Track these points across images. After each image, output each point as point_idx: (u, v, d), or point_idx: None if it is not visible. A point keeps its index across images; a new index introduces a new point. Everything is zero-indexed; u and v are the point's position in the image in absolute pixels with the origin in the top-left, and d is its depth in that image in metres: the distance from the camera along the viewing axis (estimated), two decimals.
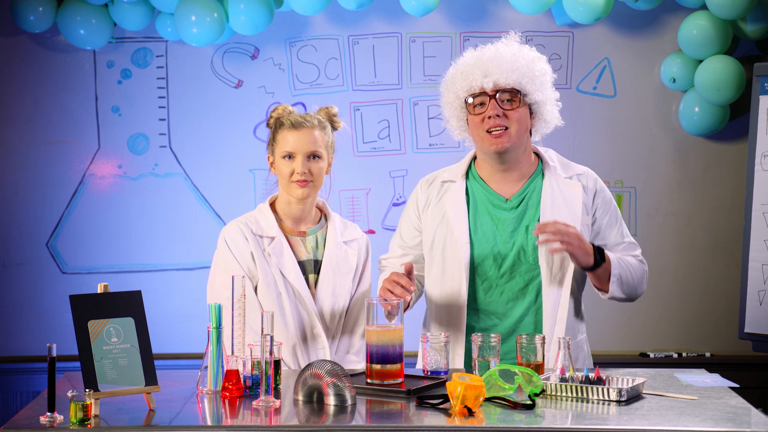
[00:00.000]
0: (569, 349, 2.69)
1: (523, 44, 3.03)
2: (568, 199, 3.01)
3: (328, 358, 3.03)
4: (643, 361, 4.43)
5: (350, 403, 2.49)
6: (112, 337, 2.46)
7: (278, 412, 2.45)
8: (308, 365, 2.56)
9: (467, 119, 3.04)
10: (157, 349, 2.58)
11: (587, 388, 2.55)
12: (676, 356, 4.46)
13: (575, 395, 2.56)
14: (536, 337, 2.79)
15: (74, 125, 4.47)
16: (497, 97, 2.96)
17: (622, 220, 3.10)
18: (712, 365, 3.85)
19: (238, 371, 2.60)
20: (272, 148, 3.13)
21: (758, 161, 4.04)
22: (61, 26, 4.33)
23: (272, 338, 2.48)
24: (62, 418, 2.34)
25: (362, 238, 3.22)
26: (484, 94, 2.97)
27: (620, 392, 2.51)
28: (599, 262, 2.90)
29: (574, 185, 3.04)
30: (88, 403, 2.32)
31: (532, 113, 3.02)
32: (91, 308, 2.45)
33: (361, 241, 3.20)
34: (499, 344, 2.79)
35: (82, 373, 2.40)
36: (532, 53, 3.01)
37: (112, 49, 4.45)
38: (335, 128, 3.17)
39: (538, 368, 2.76)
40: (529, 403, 2.48)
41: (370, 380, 2.68)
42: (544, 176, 3.05)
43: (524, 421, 2.38)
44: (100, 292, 2.49)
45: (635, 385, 2.58)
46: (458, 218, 3.04)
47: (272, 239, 3.08)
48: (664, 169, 4.50)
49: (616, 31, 4.47)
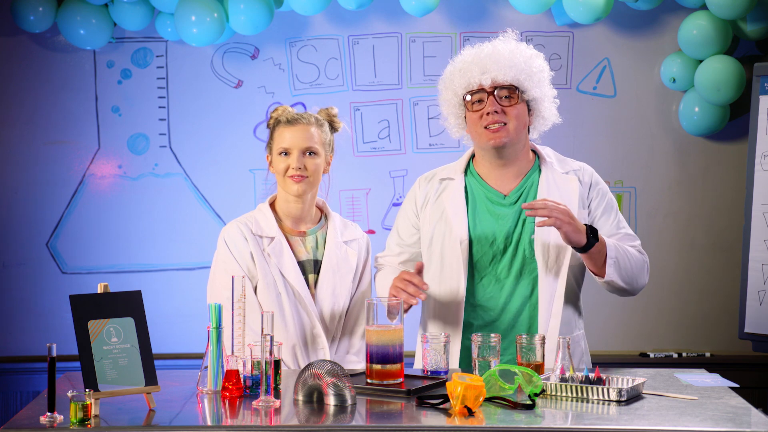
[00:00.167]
0: (569, 349, 2.69)
1: (520, 42, 3.04)
2: (564, 193, 3.02)
3: (327, 358, 3.03)
4: (643, 361, 4.43)
5: (350, 403, 2.49)
6: (112, 337, 2.46)
7: (278, 412, 2.45)
8: (308, 365, 2.56)
9: (465, 116, 3.05)
10: (157, 349, 2.58)
11: (587, 388, 2.55)
12: (676, 356, 4.46)
13: (575, 395, 2.56)
14: (536, 337, 2.79)
15: (74, 125, 4.47)
16: (495, 93, 2.97)
17: (618, 212, 3.09)
18: (712, 365, 3.85)
19: (238, 371, 2.60)
20: (270, 146, 3.14)
21: (758, 161, 4.04)
22: (61, 26, 4.33)
23: (272, 338, 2.48)
24: (62, 418, 2.34)
25: (362, 238, 3.22)
26: (482, 90, 2.99)
27: (620, 392, 2.51)
28: (592, 242, 2.88)
29: (570, 180, 3.06)
30: (88, 403, 2.32)
31: (530, 110, 3.03)
32: (91, 308, 2.45)
33: (361, 241, 3.20)
34: (499, 344, 2.79)
35: (82, 373, 2.40)
36: (529, 50, 3.03)
37: (112, 49, 4.46)
38: (335, 129, 3.17)
39: (538, 368, 2.76)
40: (529, 403, 2.48)
41: (370, 380, 2.68)
42: (540, 172, 3.06)
43: (524, 421, 2.38)
44: (100, 292, 2.49)
45: (635, 385, 2.58)
46: (457, 215, 3.04)
47: (272, 239, 3.08)
48: (664, 169, 4.51)
49: (616, 31, 4.48)
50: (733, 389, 2.69)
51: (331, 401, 2.48)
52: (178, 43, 4.44)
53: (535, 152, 3.12)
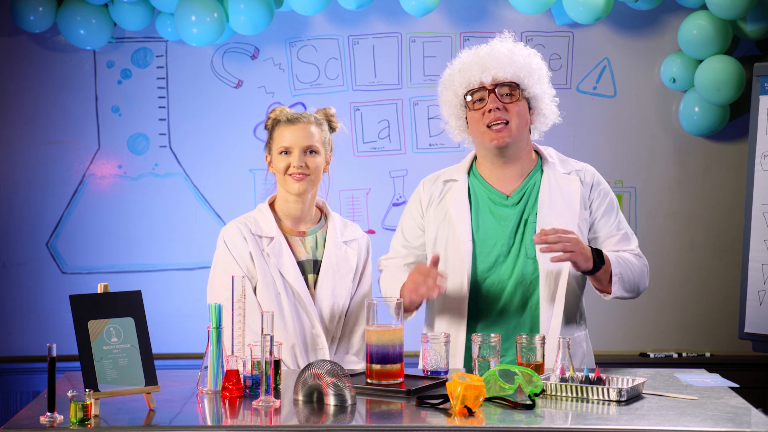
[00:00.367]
0: (569, 349, 2.69)
1: (518, 42, 3.06)
2: (566, 193, 3.03)
3: (327, 358, 3.03)
4: (643, 361, 4.43)
5: (350, 403, 2.49)
6: (112, 337, 2.46)
7: (278, 412, 2.45)
8: (308, 365, 2.56)
9: (467, 117, 3.05)
10: (157, 349, 2.58)
11: (587, 388, 2.55)
12: (676, 356, 4.46)
13: (575, 395, 2.56)
14: (536, 337, 2.79)
15: (74, 125, 4.47)
16: (496, 91, 2.98)
17: (619, 212, 3.10)
18: (712, 365, 3.84)
19: (238, 371, 2.60)
20: (269, 146, 3.14)
21: (758, 161, 4.04)
22: (61, 26, 4.33)
23: (272, 338, 2.48)
24: (62, 418, 2.34)
25: (362, 238, 3.21)
26: (483, 89, 3.00)
27: (620, 392, 2.51)
28: (599, 265, 2.91)
29: (572, 180, 3.06)
30: (88, 403, 2.32)
31: (531, 108, 3.04)
32: (91, 308, 2.45)
33: (361, 241, 3.20)
34: (499, 344, 2.79)
35: (82, 373, 2.40)
36: (527, 49, 3.07)
37: (112, 49, 4.45)
38: (333, 129, 3.17)
39: (538, 368, 2.76)
40: (529, 403, 2.48)
41: (370, 380, 2.68)
42: (542, 172, 3.07)
43: (524, 421, 2.38)
44: (100, 292, 2.49)
45: (635, 385, 2.58)
46: (461, 216, 3.05)
47: (271, 239, 3.07)
48: (664, 169, 4.50)
49: (616, 31, 4.47)
50: (733, 389, 2.69)
51: (331, 401, 2.48)
52: (178, 43, 4.44)
53: (537, 153, 3.13)
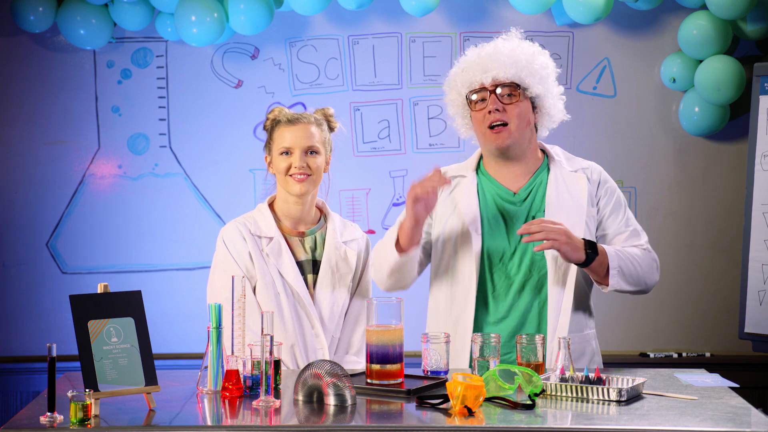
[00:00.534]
0: (569, 349, 2.69)
1: (523, 40, 3.05)
2: (573, 191, 3.03)
3: (326, 358, 3.02)
4: (643, 361, 4.43)
5: (350, 403, 2.49)
6: (112, 337, 2.46)
7: (278, 412, 2.45)
8: (308, 365, 2.55)
9: (470, 116, 3.06)
10: (157, 349, 2.58)
11: (587, 388, 2.54)
12: (676, 356, 4.46)
13: (575, 395, 2.56)
14: (536, 337, 2.79)
15: (74, 125, 4.47)
16: (497, 92, 2.98)
17: (627, 209, 3.09)
18: (712, 365, 3.85)
19: (238, 371, 2.60)
20: (269, 147, 3.14)
21: (758, 161, 4.04)
22: (61, 26, 4.33)
23: (272, 338, 2.48)
24: (62, 418, 2.34)
25: (362, 238, 3.21)
26: (484, 89, 3.00)
27: (620, 392, 2.51)
28: (591, 257, 2.90)
29: (579, 178, 3.07)
30: (88, 403, 2.32)
31: (534, 107, 3.04)
32: (91, 308, 2.44)
33: (360, 241, 3.20)
34: (499, 344, 2.79)
35: (82, 373, 2.40)
36: (532, 48, 3.05)
37: (112, 49, 4.45)
38: (332, 129, 3.17)
39: (538, 368, 2.76)
40: (529, 403, 2.48)
41: (370, 380, 2.67)
42: (549, 170, 3.07)
43: (524, 421, 2.38)
44: (100, 292, 2.49)
45: (635, 385, 2.57)
46: (470, 211, 3.05)
47: (270, 239, 3.07)
48: (664, 169, 4.50)
49: (616, 31, 4.47)
50: (733, 389, 2.69)
51: (331, 401, 2.48)
52: (178, 43, 4.44)
53: (544, 151, 3.13)
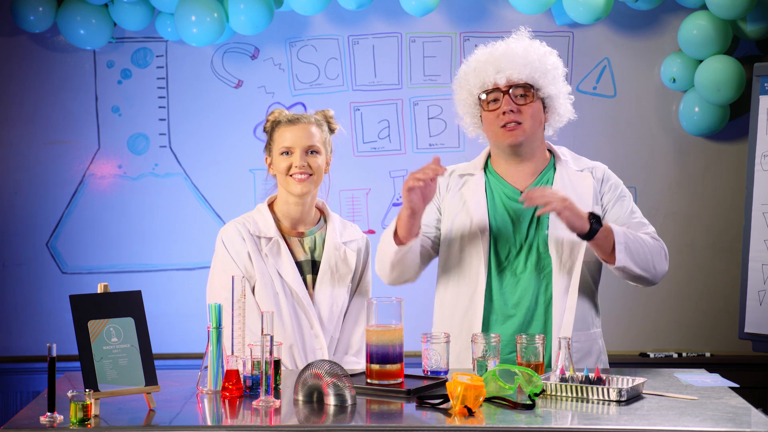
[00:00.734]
0: (569, 349, 2.69)
1: (533, 40, 3.05)
2: (578, 189, 3.03)
3: (325, 359, 3.02)
4: (643, 361, 4.43)
5: (350, 403, 2.49)
6: (112, 337, 2.46)
7: (278, 412, 2.45)
8: (308, 365, 2.55)
9: (481, 116, 3.06)
10: (157, 349, 2.58)
11: (587, 388, 2.55)
12: (676, 356, 4.46)
13: (575, 395, 2.56)
14: (536, 337, 2.79)
15: (74, 125, 4.47)
16: (511, 92, 2.98)
17: (632, 203, 3.09)
18: (712, 365, 3.84)
19: (238, 371, 2.60)
20: (270, 148, 3.14)
21: (758, 161, 4.04)
22: (61, 26, 4.33)
23: (272, 338, 2.48)
24: (62, 418, 2.34)
25: (362, 238, 3.21)
26: (497, 90, 2.99)
27: (620, 392, 2.51)
28: (595, 227, 2.86)
29: (584, 176, 3.07)
30: (88, 403, 2.32)
31: (545, 108, 3.04)
32: (91, 308, 2.44)
33: (360, 241, 3.20)
34: (499, 344, 2.79)
35: (82, 373, 2.40)
36: (543, 48, 3.04)
37: (112, 49, 4.45)
38: (332, 130, 3.17)
39: (538, 368, 2.76)
40: (529, 403, 2.48)
41: (370, 380, 2.67)
42: (556, 170, 3.07)
43: (524, 421, 2.38)
44: (100, 292, 2.49)
45: (635, 385, 2.57)
46: (478, 209, 3.05)
47: (270, 240, 3.07)
48: (664, 169, 4.50)
49: (616, 31, 4.47)
50: (733, 389, 2.69)
51: (331, 401, 2.48)
52: (178, 43, 4.44)
53: (550, 151, 3.14)
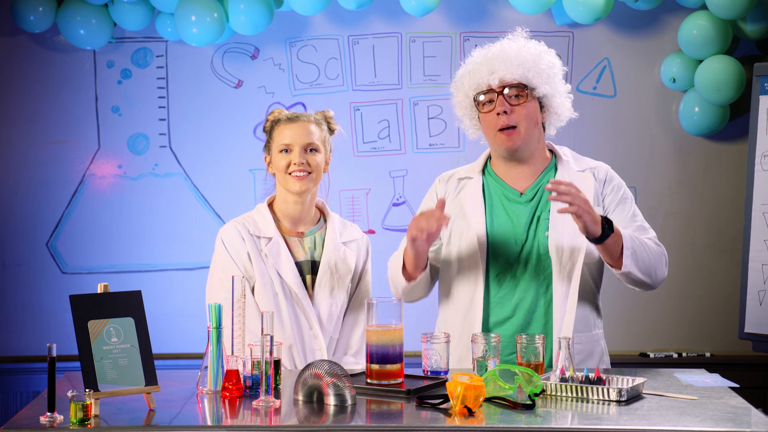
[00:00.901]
0: (569, 349, 2.69)
1: (529, 40, 3.04)
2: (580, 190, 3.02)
3: (325, 359, 3.02)
4: (643, 361, 4.43)
5: (350, 403, 2.49)
6: (112, 337, 2.46)
7: (278, 412, 2.45)
8: (308, 365, 2.55)
9: (479, 117, 3.06)
10: (157, 349, 2.58)
11: (587, 388, 2.55)
12: (676, 356, 4.46)
13: (575, 395, 2.56)
14: (536, 337, 2.79)
15: (74, 125, 4.47)
16: (504, 93, 2.98)
17: (634, 206, 3.09)
18: (712, 365, 3.85)
19: (238, 371, 2.60)
20: (269, 147, 3.14)
21: (758, 161, 4.04)
22: (61, 26, 4.33)
23: (272, 338, 2.48)
24: (62, 418, 2.34)
25: (362, 238, 3.21)
26: (491, 91, 2.99)
27: (620, 392, 2.51)
28: (607, 233, 2.86)
29: (586, 177, 3.07)
30: (88, 403, 2.32)
31: (542, 107, 3.03)
32: (91, 308, 2.45)
33: (360, 241, 3.20)
34: (499, 344, 2.79)
35: (82, 373, 2.40)
36: (538, 47, 3.04)
37: (112, 49, 4.45)
38: (332, 131, 3.18)
39: (538, 368, 2.76)
40: (529, 403, 2.48)
41: (370, 380, 2.68)
42: (557, 170, 3.07)
43: (524, 421, 2.38)
44: (100, 292, 2.49)
45: (635, 385, 2.58)
46: (475, 212, 3.05)
47: (269, 240, 3.07)
48: (664, 169, 4.50)
49: (616, 31, 4.47)
50: (733, 389, 2.69)
51: (331, 401, 2.48)
52: (178, 43, 4.44)
53: (551, 151, 3.13)
